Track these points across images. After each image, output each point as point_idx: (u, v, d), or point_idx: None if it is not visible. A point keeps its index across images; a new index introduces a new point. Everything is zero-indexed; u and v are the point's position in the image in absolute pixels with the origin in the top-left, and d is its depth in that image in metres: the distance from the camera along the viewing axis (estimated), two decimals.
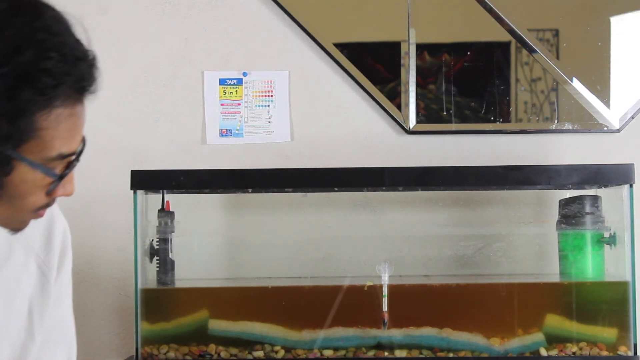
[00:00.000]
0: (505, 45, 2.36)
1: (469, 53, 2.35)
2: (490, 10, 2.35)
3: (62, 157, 1.07)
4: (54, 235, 1.35)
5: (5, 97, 0.98)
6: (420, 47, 2.35)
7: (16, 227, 1.14)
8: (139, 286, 1.99)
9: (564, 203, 2.10)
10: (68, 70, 1.03)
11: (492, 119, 2.35)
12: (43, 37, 1.01)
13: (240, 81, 2.38)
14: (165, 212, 2.05)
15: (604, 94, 2.33)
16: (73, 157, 1.10)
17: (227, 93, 2.37)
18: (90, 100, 1.12)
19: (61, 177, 1.09)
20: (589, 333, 1.98)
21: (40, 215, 1.14)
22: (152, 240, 2.05)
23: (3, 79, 0.98)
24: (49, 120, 1.02)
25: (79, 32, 1.08)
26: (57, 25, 1.05)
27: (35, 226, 1.26)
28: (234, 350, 1.98)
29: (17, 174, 1.04)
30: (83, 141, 1.11)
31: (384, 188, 2.09)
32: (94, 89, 1.09)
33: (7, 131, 0.99)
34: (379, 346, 1.98)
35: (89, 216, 2.35)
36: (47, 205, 1.12)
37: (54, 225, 1.35)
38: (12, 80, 0.98)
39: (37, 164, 1.05)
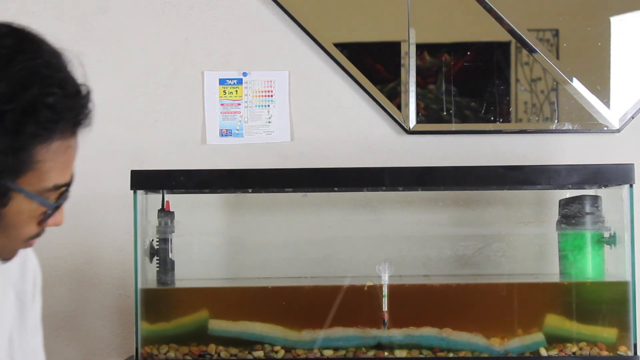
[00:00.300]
0: (505, 45, 2.36)
1: (469, 53, 2.35)
2: (490, 10, 2.35)
3: (57, 188, 1.11)
4: (28, 267, 1.38)
5: (12, 131, 1.01)
6: (420, 47, 2.35)
7: (7, 256, 1.17)
8: (139, 286, 1.99)
9: (564, 203, 2.10)
10: (70, 105, 1.06)
11: (492, 119, 2.35)
12: (46, 73, 1.04)
13: (240, 81, 2.38)
14: (165, 212, 2.05)
15: (604, 94, 2.33)
16: (64, 189, 1.13)
17: (227, 93, 2.38)
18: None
19: (56, 208, 1.12)
20: (589, 333, 1.98)
21: (30, 245, 1.17)
22: (152, 240, 2.05)
23: (10, 115, 1.01)
24: (48, 153, 1.06)
25: (76, 66, 1.11)
26: (57, 61, 1.07)
27: None
28: (234, 350, 1.98)
29: (14, 204, 1.07)
30: (72, 175, 1.15)
31: (384, 188, 2.09)
32: (88, 122, 1.11)
33: (10, 164, 1.02)
34: (379, 346, 1.98)
35: (89, 216, 2.35)
36: (38, 235, 1.15)
37: (27, 258, 1.38)
38: (18, 116, 1.01)
39: (34, 195, 1.08)
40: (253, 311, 2.01)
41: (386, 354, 1.98)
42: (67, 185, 1.12)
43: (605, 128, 2.34)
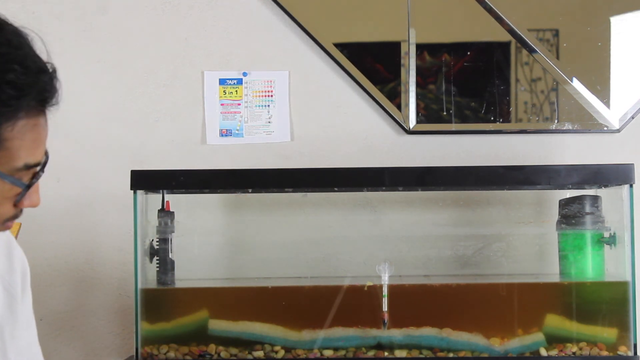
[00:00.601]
0: (505, 45, 2.36)
1: (469, 53, 2.35)
2: (490, 10, 2.35)
3: (28, 167, 1.10)
4: (14, 258, 1.37)
5: None
6: (420, 47, 2.35)
7: None
8: (139, 286, 1.99)
9: (564, 203, 2.10)
10: (31, 82, 1.06)
11: (492, 119, 2.35)
12: (5, 50, 1.04)
13: (240, 81, 2.38)
14: (165, 212, 2.05)
15: (604, 94, 2.33)
16: (38, 168, 1.12)
17: (227, 93, 2.38)
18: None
19: (28, 187, 1.11)
20: (589, 333, 1.98)
21: (8, 227, 1.16)
22: (152, 240, 2.05)
23: None
24: (14, 132, 1.06)
25: (39, 46, 1.10)
26: (18, 39, 1.07)
27: None
28: (234, 350, 1.98)
29: None
30: (46, 154, 1.14)
31: (384, 188, 2.09)
32: (56, 100, 1.11)
33: None
34: (379, 346, 1.98)
35: (89, 216, 2.35)
36: (15, 216, 1.15)
37: (13, 249, 1.37)
38: None
39: (5, 174, 1.08)
40: (253, 311, 2.01)
41: (386, 354, 1.98)
42: (39, 164, 1.12)
43: (605, 128, 2.34)
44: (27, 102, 1.06)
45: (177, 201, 2.09)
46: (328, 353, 1.98)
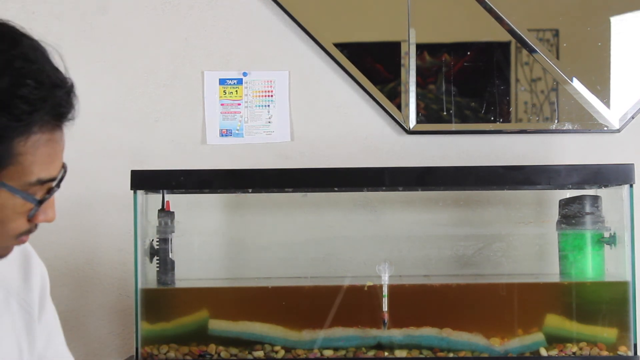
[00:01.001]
0: (505, 45, 2.36)
1: (469, 53, 2.35)
2: (490, 10, 2.35)
3: (42, 182, 1.08)
4: (32, 274, 1.35)
5: None
6: (420, 47, 2.35)
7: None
8: (139, 286, 1.99)
9: (564, 203, 2.10)
10: (44, 96, 1.04)
11: (492, 119, 2.35)
12: (20, 65, 1.02)
13: (240, 81, 2.38)
14: (165, 212, 2.05)
15: (604, 94, 2.33)
16: (53, 184, 1.10)
17: (227, 93, 2.38)
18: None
19: (40, 203, 1.09)
20: (589, 333, 1.98)
21: (23, 242, 1.14)
22: (152, 240, 2.05)
23: None
24: (27, 146, 1.03)
25: (57, 60, 1.09)
26: (34, 54, 1.05)
27: (10, 267, 1.27)
28: (234, 350, 1.98)
29: None
30: (64, 167, 1.12)
31: (384, 188, 2.09)
32: (72, 115, 1.09)
33: None
34: (379, 346, 1.98)
35: (89, 216, 2.35)
36: (30, 231, 1.12)
37: (30, 265, 1.35)
38: None
39: (16, 189, 1.05)
40: (253, 311, 2.01)
41: (386, 354, 1.98)
42: (54, 179, 1.09)
43: (605, 128, 2.34)
44: (40, 117, 1.03)
45: (177, 201, 2.09)
46: (328, 353, 1.98)
